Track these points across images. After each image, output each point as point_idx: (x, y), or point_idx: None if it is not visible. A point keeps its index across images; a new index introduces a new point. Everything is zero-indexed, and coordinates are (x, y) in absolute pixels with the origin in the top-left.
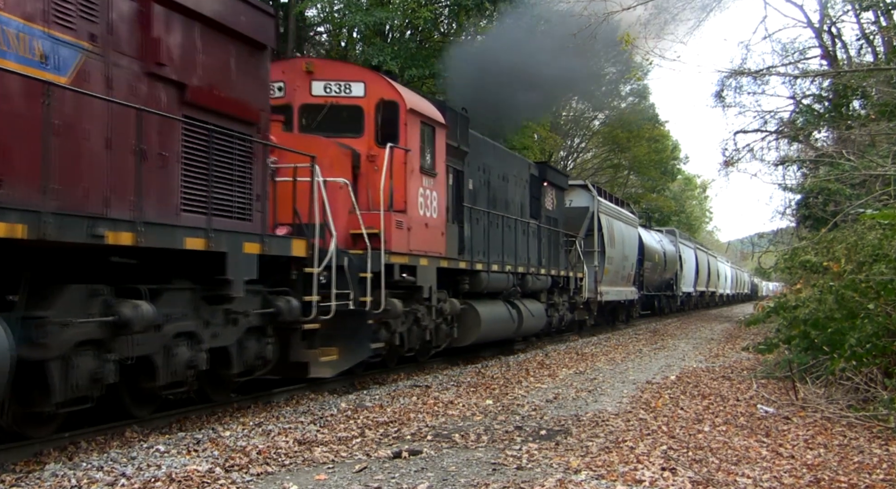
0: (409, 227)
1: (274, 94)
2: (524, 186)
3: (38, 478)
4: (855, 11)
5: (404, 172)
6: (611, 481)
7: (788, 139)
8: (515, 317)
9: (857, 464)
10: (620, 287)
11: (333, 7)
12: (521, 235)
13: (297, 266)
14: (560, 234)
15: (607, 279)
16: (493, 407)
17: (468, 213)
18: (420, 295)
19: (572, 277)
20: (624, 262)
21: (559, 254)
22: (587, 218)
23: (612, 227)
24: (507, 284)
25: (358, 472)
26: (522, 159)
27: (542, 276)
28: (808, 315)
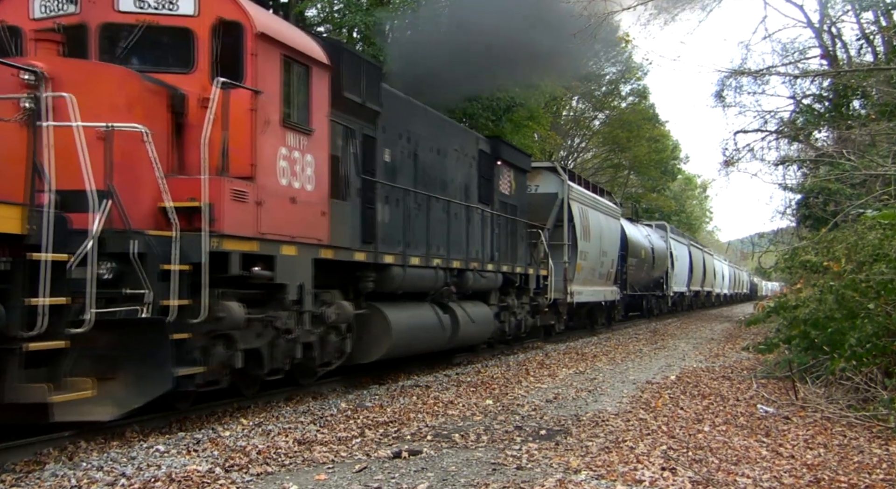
0: (259, 201)
1: (63, 7)
2: (470, 164)
3: (38, 478)
4: (855, 11)
5: (251, 123)
6: (611, 481)
7: (788, 139)
8: (448, 324)
9: (857, 464)
10: (598, 286)
11: (333, 7)
12: (462, 223)
13: (11, 249)
14: (520, 224)
15: (580, 277)
16: (493, 407)
17: (381, 192)
18: (283, 296)
19: (532, 275)
20: (602, 258)
21: (518, 248)
22: (556, 206)
23: (586, 217)
24: (436, 283)
25: (358, 472)
26: (468, 132)
27: (490, 273)
28: (808, 315)
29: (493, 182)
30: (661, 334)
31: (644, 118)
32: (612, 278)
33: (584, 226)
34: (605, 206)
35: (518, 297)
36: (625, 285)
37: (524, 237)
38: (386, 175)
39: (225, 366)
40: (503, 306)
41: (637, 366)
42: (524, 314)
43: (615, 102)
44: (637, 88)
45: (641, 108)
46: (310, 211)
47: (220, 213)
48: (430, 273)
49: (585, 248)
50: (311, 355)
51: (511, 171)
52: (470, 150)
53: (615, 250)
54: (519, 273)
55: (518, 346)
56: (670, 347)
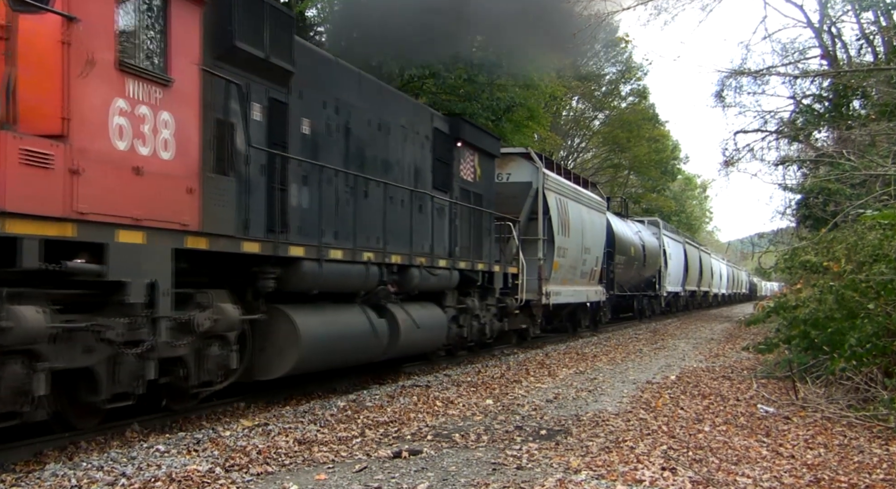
0: (75, 169)
1: None
2: (422, 144)
3: (38, 478)
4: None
5: (62, 61)
6: (611, 481)
7: (788, 139)
8: (384, 330)
9: (857, 464)
10: (579, 286)
11: (333, 7)
12: (409, 212)
13: None
14: (486, 216)
15: (558, 276)
16: (493, 406)
17: (297, 170)
18: (123, 298)
19: (499, 273)
20: (584, 255)
21: (483, 243)
22: (529, 197)
23: (565, 209)
24: (367, 281)
25: (358, 472)
26: (420, 106)
27: (443, 271)
28: (808, 315)
29: (451, 166)
30: (661, 334)
31: (644, 118)
32: (597, 277)
33: (563, 219)
34: (589, 199)
35: (482, 298)
36: (612, 285)
37: (491, 231)
38: (304, 150)
39: (21, 394)
40: (462, 308)
41: (637, 366)
42: (490, 317)
43: (615, 102)
44: (637, 88)
45: (641, 108)
46: (166, 186)
47: (2, 183)
48: (358, 269)
49: (564, 244)
50: (180, 374)
51: (475, 155)
52: (422, 127)
53: (600, 247)
54: (481, 270)
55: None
56: (670, 347)
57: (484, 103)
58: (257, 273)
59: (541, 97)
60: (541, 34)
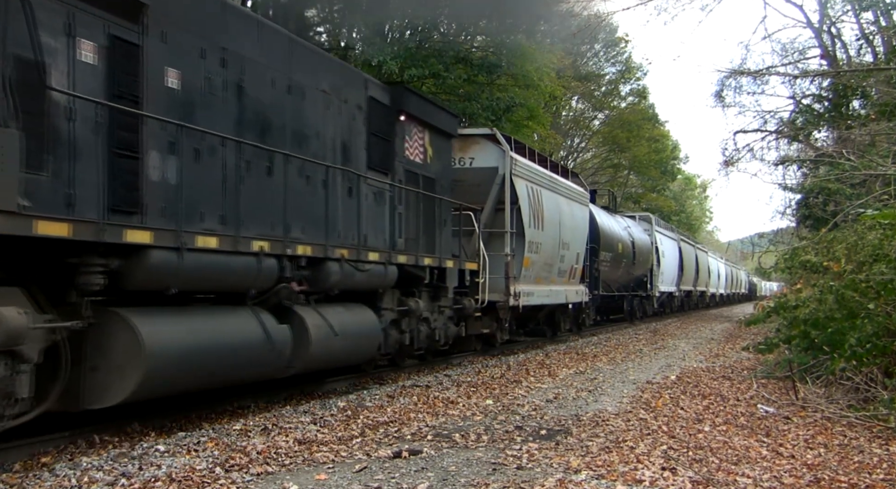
0: None
1: None
2: (352, 115)
3: (38, 478)
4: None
5: None
6: (611, 481)
7: (788, 139)
8: (285, 340)
9: (857, 464)
10: (557, 285)
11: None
12: (334, 194)
13: None
14: (440, 204)
15: (530, 273)
16: (493, 406)
17: (157, 133)
18: None
19: (453, 269)
20: (562, 251)
21: (436, 234)
22: (495, 184)
23: (538, 199)
24: (258, 277)
25: (358, 472)
26: (349, 69)
27: (375, 266)
28: (808, 315)
29: (393, 144)
30: (661, 334)
31: (644, 118)
32: (578, 276)
33: (536, 210)
34: (567, 189)
35: (433, 299)
36: (596, 284)
37: (447, 221)
38: (171, 109)
39: None
40: (403, 311)
41: (637, 366)
42: (443, 321)
43: (615, 102)
44: (637, 88)
45: (641, 108)
46: None
47: None
48: (244, 263)
49: (537, 238)
50: None
51: (426, 132)
52: (353, 95)
53: (582, 242)
54: (429, 266)
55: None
56: (670, 347)
57: (484, 103)
58: (77, 265)
59: (541, 97)
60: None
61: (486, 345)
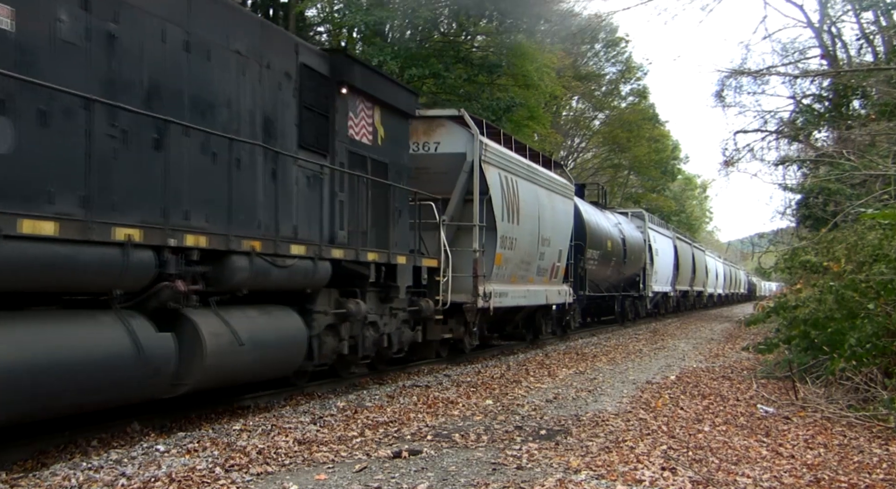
0: None
1: None
2: (279, 85)
3: (37, 478)
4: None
5: None
6: (611, 481)
7: (788, 139)
8: (165, 352)
9: (857, 464)
10: (536, 285)
11: (333, 7)
12: (252, 176)
13: None
14: (395, 192)
15: (503, 272)
16: (493, 407)
17: None
18: None
19: (405, 266)
20: (542, 248)
21: (389, 227)
22: (463, 172)
23: (513, 189)
24: (123, 274)
25: (358, 472)
26: (275, 30)
27: (301, 261)
28: (808, 315)
29: (333, 120)
30: (661, 334)
31: (644, 118)
32: (561, 275)
33: (510, 201)
34: (549, 180)
35: (384, 300)
36: (582, 284)
37: (403, 212)
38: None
39: None
40: (342, 314)
41: (637, 366)
42: (396, 325)
43: (615, 102)
44: (637, 88)
45: (641, 107)
46: None
47: None
48: (96, 255)
49: (511, 233)
50: None
51: (375, 110)
52: (279, 60)
53: (565, 238)
54: (374, 262)
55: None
56: (670, 347)
57: (484, 103)
58: None
59: (541, 97)
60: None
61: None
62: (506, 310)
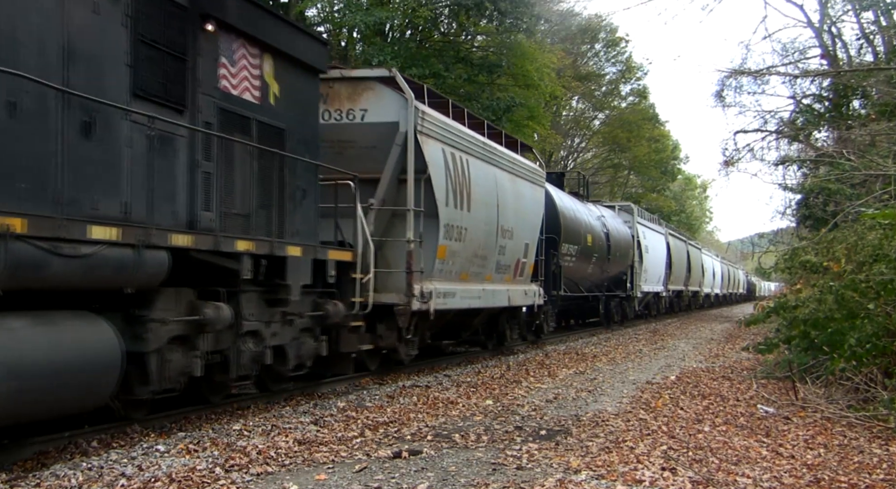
0: None
1: None
2: (94, 7)
3: (37, 478)
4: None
5: None
6: (611, 481)
7: (788, 139)
8: None
9: (857, 464)
10: (495, 283)
11: (333, 7)
12: (33, 126)
13: None
14: (293, 166)
15: (450, 267)
16: (493, 407)
17: None
18: None
19: (298, 259)
20: (503, 241)
21: (285, 209)
22: (395, 145)
23: (462, 169)
24: None
25: (358, 472)
26: None
27: (106, 250)
28: (808, 315)
29: (191, 66)
30: (661, 334)
31: (644, 118)
32: (529, 272)
33: (459, 183)
34: (512, 162)
35: (270, 303)
36: (556, 283)
37: (308, 192)
38: None
39: None
40: (194, 323)
41: (637, 366)
42: (291, 335)
43: (615, 102)
44: (637, 88)
45: (641, 107)
46: None
47: None
48: None
49: (459, 221)
50: None
51: (266, 59)
52: None
53: (533, 231)
54: (247, 254)
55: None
56: (670, 347)
57: (484, 103)
58: None
59: (541, 97)
60: None
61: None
62: (457, 312)
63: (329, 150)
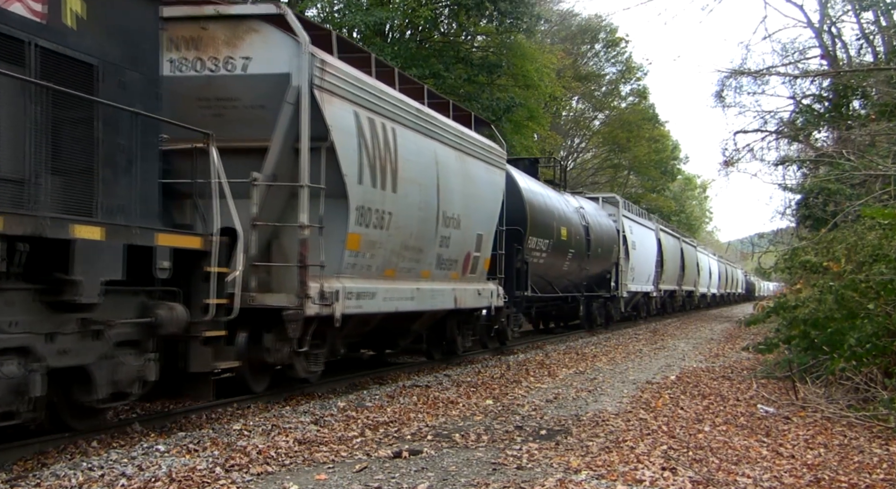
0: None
1: None
2: None
3: (37, 477)
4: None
5: None
6: (611, 481)
7: (788, 139)
8: None
9: (857, 464)
10: (437, 281)
11: (333, 7)
12: None
13: None
14: (114, 118)
15: (367, 261)
16: (493, 406)
17: None
18: None
19: (95, 244)
20: (446, 231)
21: (96, 177)
22: (286, 103)
23: (385, 140)
24: None
25: (358, 472)
26: None
27: None
28: (808, 315)
29: None
30: (661, 334)
31: (644, 118)
32: (483, 268)
33: (379, 157)
34: (459, 137)
35: (56, 308)
36: (521, 281)
37: (148, 158)
38: None
39: None
40: None
41: (637, 366)
42: (98, 353)
43: (615, 102)
44: (637, 88)
45: (641, 108)
46: None
47: None
48: None
49: (380, 204)
50: None
51: None
52: None
53: (489, 220)
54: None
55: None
56: (670, 347)
57: (484, 103)
58: None
59: (541, 97)
60: None
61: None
62: (385, 317)
63: (205, 110)
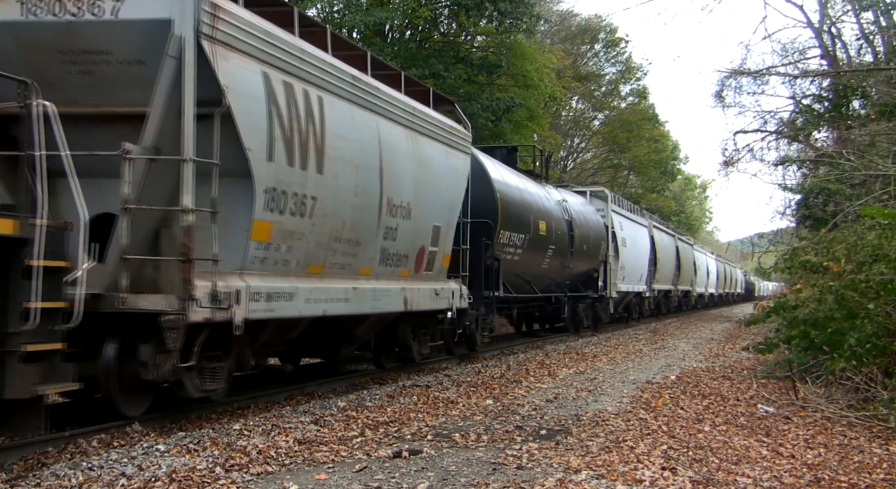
0: None
1: None
2: None
3: (38, 477)
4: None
5: None
6: (611, 481)
7: (788, 139)
8: None
9: (857, 464)
10: (380, 280)
11: (333, 7)
12: None
13: None
14: None
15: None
16: (493, 406)
17: None
18: None
19: None
20: (392, 221)
21: None
22: (170, 57)
23: (308, 108)
24: None
25: (358, 472)
26: None
27: None
28: (808, 315)
29: None
30: (661, 334)
31: (644, 118)
32: (443, 265)
33: (297, 129)
34: (410, 113)
35: None
36: (492, 280)
37: None
38: None
39: None
40: None
41: (637, 366)
42: None
43: (615, 102)
44: (637, 88)
45: (641, 108)
46: None
47: None
48: None
49: (301, 187)
50: None
51: None
52: None
53: (450, 210)
54: None
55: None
56: (670, 347)
57: (484, 103)
58: None
59: (541, 97)
60: None
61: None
62: (316, 321)
63: (69, 66)
